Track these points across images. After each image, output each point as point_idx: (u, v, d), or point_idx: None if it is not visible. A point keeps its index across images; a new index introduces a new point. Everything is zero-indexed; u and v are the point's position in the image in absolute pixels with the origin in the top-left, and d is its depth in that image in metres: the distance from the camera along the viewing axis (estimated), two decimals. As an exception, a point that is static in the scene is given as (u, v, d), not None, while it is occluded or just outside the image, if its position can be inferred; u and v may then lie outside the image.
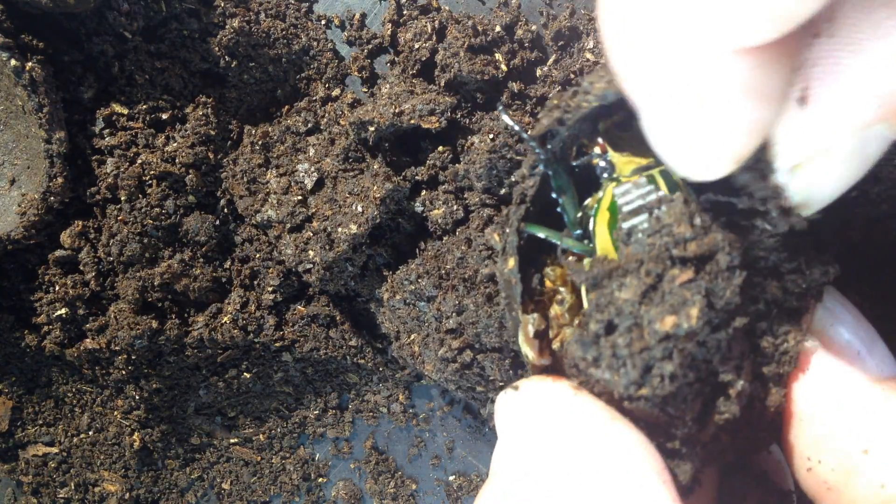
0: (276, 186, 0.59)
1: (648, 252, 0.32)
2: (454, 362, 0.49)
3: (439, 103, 0.55)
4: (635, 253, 0.33)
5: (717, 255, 0.32)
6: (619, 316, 0.32)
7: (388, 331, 0.57)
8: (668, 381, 0.32)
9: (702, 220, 0.32)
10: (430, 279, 0.52)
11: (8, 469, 0.74)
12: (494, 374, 0.48)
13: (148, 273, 0.61)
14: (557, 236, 0.40)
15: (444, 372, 0.49)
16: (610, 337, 0.33)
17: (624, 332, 0.32)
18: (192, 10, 0.58)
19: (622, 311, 0.32)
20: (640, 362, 0.32)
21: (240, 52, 0.60)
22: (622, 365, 0.32)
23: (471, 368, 0.49)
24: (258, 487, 0.75)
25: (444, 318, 0.49)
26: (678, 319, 0.31)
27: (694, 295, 0.31)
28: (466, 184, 0.55)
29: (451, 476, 0.71)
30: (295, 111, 0.62)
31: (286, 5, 0.62)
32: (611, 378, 0.33)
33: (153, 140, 0.60)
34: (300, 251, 0.58)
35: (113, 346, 0.62)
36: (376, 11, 0.63)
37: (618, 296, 0.33)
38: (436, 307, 0.51)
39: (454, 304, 0.49)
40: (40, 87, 0.55)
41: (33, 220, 0.58)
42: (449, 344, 0.49)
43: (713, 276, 0.32)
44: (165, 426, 0.72)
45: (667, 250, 0.32)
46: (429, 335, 0.52)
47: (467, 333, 0.48)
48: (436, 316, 0.51)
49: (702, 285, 0.32)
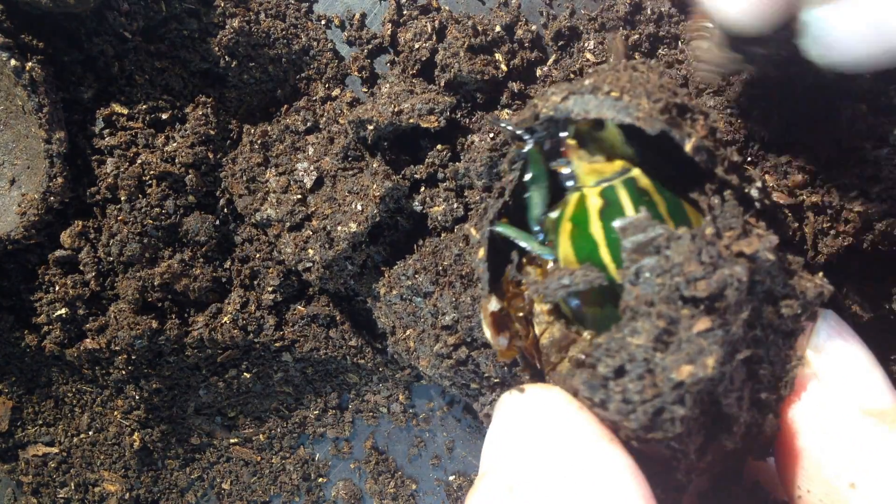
0: (275, 185, 0.59)
1: (658, 293, 0.32)
2: (449, 358, 0.48)
3: (438, 103, 0.55)
4: (645, 294, 0.32)
5: (726, 291, 0.32)
6: (632, 362, 0.32)
7: (384, 326, 0.57)
8: (678, 424, 0.32)
9: (709, 252, 0.32)
10: (427, 275, 0.52)
11: (8, 469, 0.74)
12: (489, 370, 0.47)
13: (148, 273, 0.61)
14: (525, 238, 0.40)
15: (439, 368, 0.49)
16: (620, 381, 0.32)
17: (635, 378, 0.32)
18: (192, 10, 0.58)
19: (635, 357, 0.32)
20: (652, 408, 0.32)
21: (240, 52, 0.60)
22: (632, 411, 0.32)
23: (466, 365, 0.48)
24: (258, 487, 0.75)
25: (440, 315, 0.49)
26: (695, 369, 0.31)
27: (711, 344, 0.31)
28: (467, 182, 0.56)
29: (451, 476, 0.71)
30: (294, 110, 0.62)
31: (286, 5, 0.62)
32: (619, 421, 0.33)
33: (153, 140, 0.60)
34: (300, 250, 0.58)
35: (113, 346, 0.62)
36: (376, 11, 0.63)
37: (630, 341, 0.32)
38: (432, 303, 0.51)
39: (450, 301, 0.48)
40: (40, 87, 0.55)
41: (33, 220, 0.58)
42: (444, 340, 0.49)
43: (723, 313, 0.32)
44: (165, 426, 0.72)
45: (677, 290, 0.31)
46: (424, 331, 0.52)
47: (463, 330, 0.48)
48: (432, 312, 0.50)
49: (719, 335, 0.31)
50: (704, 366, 0.31)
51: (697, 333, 0.31)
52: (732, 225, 0.34)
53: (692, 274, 0.31)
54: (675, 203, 0.37)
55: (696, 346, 0.31)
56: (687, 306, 0.31)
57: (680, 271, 0.31)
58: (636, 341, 0.32)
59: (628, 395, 0.32)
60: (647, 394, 0.31)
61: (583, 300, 0.37)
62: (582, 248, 0.37)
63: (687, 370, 0.31)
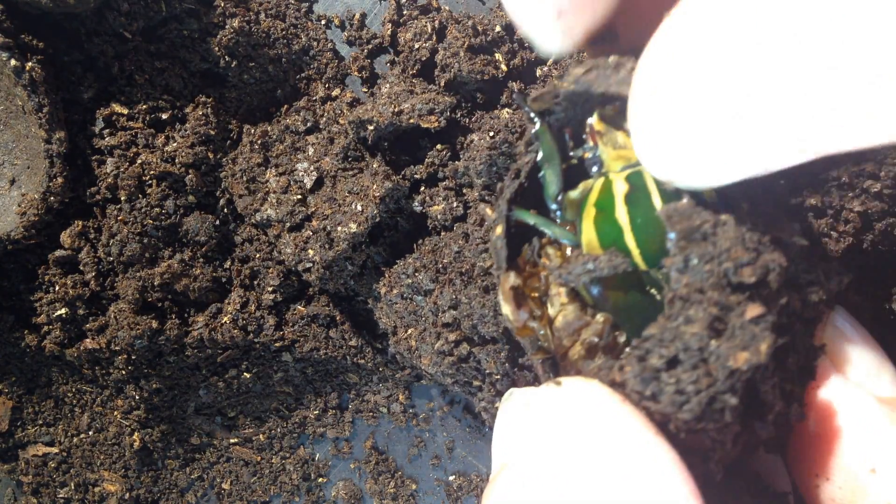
0: (275, 185, 0.59)
1: (708, 280, 0.32)
2: (451, 355, 0.48)
3: (438, 103, 0.55)
4: (695, 281, 0.32)
5: (769, 277, 0.32)
6: (686, 352, 0.32)
7: (386, 325, 0.57)
8: (729, 413, 0.32)
9: (752, 237, 0.32)
10: (427, 273, 0.52)
11: (8, 469, 0.74)
12: (490, 367, 0.47)
13: (148, 273, 0.61)
14: (546, 224, 0.40)
15: (441, 365, 0.49)
16: (674, 371, 0.32)
17: (689, 368, 0.32)
18: (192, 10, 0.58)
19: (689, 346, 0.32)
20: (706, 398, 0.32)
21: (240, 52, 0.60)
22: (686, 401, 0.32)
23: (467, 362, 0.48)
24: (258, 487, 0.75)
25: (440, 312, 0.49)
26: (749, 356, 0.31)
27: (763, 331, 0.31)
28: (466, 181, 0.56)
29: (451, 476, 0.71)
30: (294, 110, 0.62)
31: (286, 5, 0.62)
32: (671, 413, 0.32)
33: (153, 140, 0.60)
34: (300, 250, 0.58)
35: (113, 346, 0.62)
36: (376, 11, 0.63)
37: (684, 329, 0.32)
38: (432, 301, 0.50)
39: (451, 298, 0.48)
40: (40, 87, 0.55)
41: (33, 220, 0.58)
42: (445, 337, 0.49)
43: (767, 299, 0.32)
44: (165, 426, 0.72)
45: (725, 277, 0.32)
46: (426, 329, 0.52)
47: (464, 327, 0.48)
48: (432, 310, 0.50)
49: (770, 320, 0.31)
50: (758, 352, 0.31)
51: (750, 320, 0.31)
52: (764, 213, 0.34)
53: (739, 260, 0.31)
54: (698, 192, 0.37)
55: (749, 332, 0.31)
56: (735, 293, 0.31)
57: (728, 257, 0.31)
58: (691, 330, 0.32)
59: (682, 385, 0.32)
60: (701, 383, 0.31)
61: (605, 286, 0.37)
62: (607, 233, 0.37)
63: (743, 357, 0.31)
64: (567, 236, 0.40)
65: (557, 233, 0.40)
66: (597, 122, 0.40)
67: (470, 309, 0.47)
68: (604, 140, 0.39)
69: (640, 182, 0.37)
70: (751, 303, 0.31)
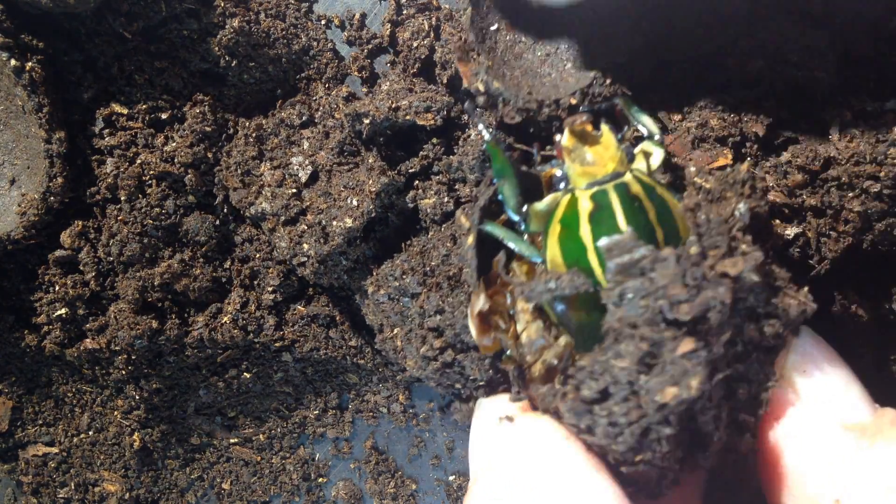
0: (270, 179, 0.59)
1: (642, 315, 0.32)
2: (435, 361, 0.48)
3: (436, 101, 0.55)
4: (629, 316, 0.32)
5: (709, 314, 0.31)
6: (616, 385, 0.32)
7: (372, 323, 0.57)
8: (665, 443, 0.32)
9: (693, 273, 0.32)
10: (414, 276, 0.52)
11: (8, 469, 0.74)
12: (474, 373, 0.48)
13: (148, 273, 0.61)
14: (513, 239, 0.40)
15: (426, 370, 0.50)
16: (605, 404, 0.32)
17: (620, 400, 0.32)
18: (192, 10, 0.58)
19: (619, 379, 0.32)
20: (639, 429, 0.32)
21: (240, 52, 0.60)
22: (619, 433, 0.32)
23: (451, 367, 0.49)
24: (258, 487, 0.75)
25: (426, 316, 0.49)
26: (679, 391, 0.31)
27: (695, 366, 0.31)
28: (460, 175, 0.55)
29: (451, 476, 0.71)
30: (289, 104, 0.62)
31: (286, 5, 0.62)
32: (607, 445, 0.33)
33: (153, 140, 0.60)
34: (294, 244, 0.58)
35: (113, 346, 0.63)
36: (376, 11, 0.63)
37: (614, 363, 0.32)
38: (419, 304, 0.51)
39: (437, 303, 0.49)
40: (40, 87, 0.55)
41: (33, 220, 0.58)
42: (431, 343, 0.49)
43: (705, 335, 0.32)
44: (165, 426, 0.72)
45: (661, 313, 0.31)
46: (412, 330, 0.52)
47: (449, 333, 0.48)
48: (419, 312, 0.51)
49: (702, 356, 0.31)
50: (689, 387, 0.31)
51: (681, 355, 0.31)
52: (718, 243, 0.34)
53: (676, 297, 0.31)
54: (665, 210, 0.37)
55: (681, 367, 0.31)
56: (670, 328, 0.31)
57: (664, 294, 0.31)
58: (620, 364, 0.32)
59: (614, 417, 0.32)
60: (632, 415, 0.32)
61: (568, 305, 0.37)
62: (570, 251, 0.37)
63: (671, 392, 0.31)
64: (532, 252, 0.40)
65: (523, 249, 0.40)
66: (567, 139, 0.40)
67: (454, 319, 0.47)
68: (572, 156, 0.39)
69: (605, 201, 0.37)
70: (685, 338, 0.31)
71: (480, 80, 0.49)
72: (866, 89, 0.47)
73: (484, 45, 0.50)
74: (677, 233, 0.36)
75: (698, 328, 0.31)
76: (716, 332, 0.32)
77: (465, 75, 0.49)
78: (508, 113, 0.49)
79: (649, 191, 0.38)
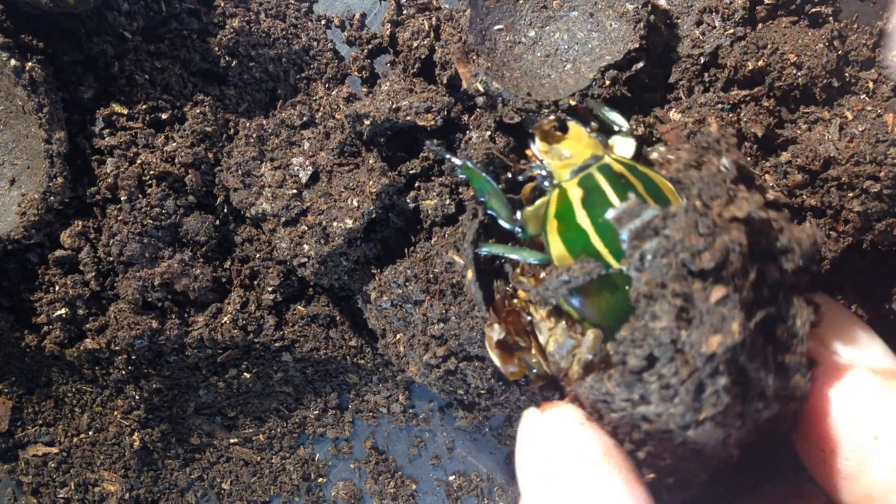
0: (270, 179, 0.59)
1: (667, 273, 0.32)
2: (438, 369, 0.48)
3: (436, 101, 0.55)
4: (654, 277, 0.32)
5: (730, 257, 0.32)
6: (660, 347, 0.32)
7: (375, 328, 0.57)
8: (723, 394, 0.32)
9: (705, 225, 0.32)
10: (418, 283, 0.52)
11: (8, 469, 0.74)
12: (476, 381, 0.48)
13: (148, 273, 0.61)
14: (513, 250, 0.40)
15: (428, 377, 0.50)
16: (653, 369, 0.32)
17: (667, 361, 0.32)
18: (192, 9, 0.58)
19: (661, 341, 0.32)
20: (692, 385, 0.32)
21: (240, 51, 0.60)
22: (674, 394, 0.32)
23: (454, 375, 0.49)
24: (258, 487, 0.75)
25: (430, 324, 0.49)
26: (723, 338, 0.31)
27: (732, 311, 0.31)
28: (462, 178, 0.56)
29: (451, 476, 0.71)
30: (290, 105, 0.62)
31: (286, 5, 0.62)
32: (665, 410, 0.32)
33: (153, 140, 0.60)
34: (295, 245, 0.58)
35: (113, 346, 0.62)
36: (376, 11, 0.63)
37: (653, 326, 0.32)
38: (422, 312, 0.51)
39: (441, 311, 0.49)
40: (40, 87, 0.55)
41: (33, 220, 0.58)
42: (434, 350, 0.49)
43: (731, 279, 0.32)
44: (165, 426, 0.72)
45: (685, 266, 0.32)
46: (415, 336, 0.52)
47: (452, 342, 0.48)
48: (422, 320, 0.51)
49: (735, 299, 0.31)
50: (731, 332, 0.31)
51: (715, 303, 0.31)
52: (718, 194, 0.34)
53: (695, 247, 0.31)
54: (651, 183, 0.37)
55: (718, 315, 0.31)
56: (698, 279, 0.32)
57: (683, 247, 0.32)
58: (659, 325, 0.32)
59: (665, 379, 0.32)
60: (682, 374, 0.31)
61: (584, 294, 0.37)
62: (573, 241, 0.37)
63: (716, 340, 0.31)
64: (536, 256, 0.40)
65: (527, 255, 0.40)
66: (540, 144, 0.40)
67: (458, 329, 0.47)
68: (549, 156, 0.40)
69: (592, 184, 0.37)
70: (715, 286, 0.31)
71: (480, 81, 0.49)
72: (866, 89, 0.47)
73: (483, 46, 0.51)
74: (669, 203, 0.37)
75: (723, 274, 0.32)
76: (741, 274, 0.32)
77: (465, 76, 0.50)
78: (508, 113, 0.49)
79: (631, 168, 0.38)
